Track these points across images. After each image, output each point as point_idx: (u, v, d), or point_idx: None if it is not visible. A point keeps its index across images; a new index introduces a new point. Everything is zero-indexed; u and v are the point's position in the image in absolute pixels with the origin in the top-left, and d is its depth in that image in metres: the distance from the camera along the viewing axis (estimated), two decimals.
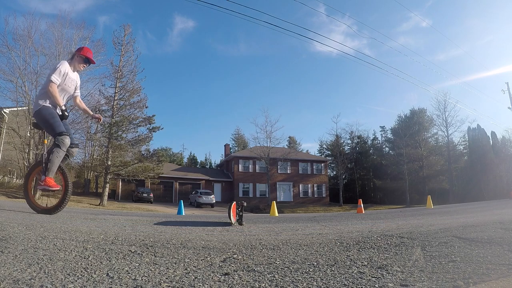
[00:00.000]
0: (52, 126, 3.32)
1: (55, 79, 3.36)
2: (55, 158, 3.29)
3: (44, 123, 3.38)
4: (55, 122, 3.34)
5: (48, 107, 3.40)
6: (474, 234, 2.07)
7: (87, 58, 3.66)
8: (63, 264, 1.14)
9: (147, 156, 21.82)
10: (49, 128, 3.36)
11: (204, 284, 0.97)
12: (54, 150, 3.29)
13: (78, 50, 3.69)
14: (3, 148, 19.97)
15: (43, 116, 3.36)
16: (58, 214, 3.52)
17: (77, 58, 3.63)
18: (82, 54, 3.63)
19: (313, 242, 1.87)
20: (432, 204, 11.54)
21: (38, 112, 3.38)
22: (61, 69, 3.44)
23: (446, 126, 37.70)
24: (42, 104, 3.38)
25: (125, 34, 21.71)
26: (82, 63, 3.67)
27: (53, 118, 3.36)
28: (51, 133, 3.37)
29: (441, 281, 1.00)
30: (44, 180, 3.28)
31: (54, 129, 3.32)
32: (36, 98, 3.50)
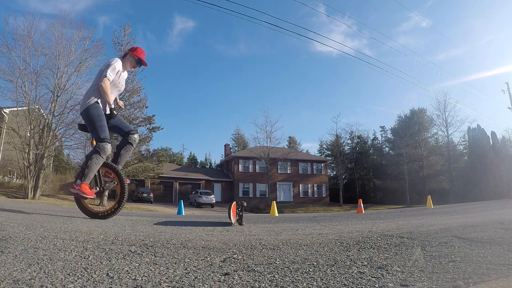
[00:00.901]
0: (96, 129, 3.18)
1: (109, 75, 3.22)
2: (93, 164, 3.14)
3: (90, 123, 3.23)
4: (101, 126, 3.20)
5: (97, 107, 3.25)
6: (474, 234, 2.07)
7: (140, 60, 3.51)
8: (63, 264, 1.14)
9: (147, 156, 21.83)
10: (93, 130, 3.22)
11: (204, 284, 0.97)
12: (93, 156, 3.14)
13: (131, 49, 3.53)
14: (3, 148, 19.96)
15: (90, 116, 3.21)
16: (58, 214, 3.52)
17: (129, 58, 3.50)
18: (135, 55, 3.48)
19: (313, 242, 1.87)
20: (432, 204, 11.54)
21: (86, 110, 3.22)
22: (115, 65, 3.30)
23: (446, 126, 37.75)
24: (91, 102, 3.22)
25: (125, 34, 21.70)
26: (134, 64, 3.53)
27: (100, 121, 3.21)
28: (94, 136, 3.22)
29: (441, 281, 1.00)
30: (79, 185, 3.12)
31: (98, 133, 3.18)
32: (85, 96, 3.32)
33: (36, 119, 17.39)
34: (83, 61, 18.95)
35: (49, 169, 24.29)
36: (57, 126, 18.31)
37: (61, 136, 19.03)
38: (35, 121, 17.32)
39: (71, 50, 18.60)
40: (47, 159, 18.29)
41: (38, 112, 17.84)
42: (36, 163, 16.87)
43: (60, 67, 18.12)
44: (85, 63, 19.10)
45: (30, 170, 16.51)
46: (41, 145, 17.06)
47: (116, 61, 3.34)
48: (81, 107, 3.31)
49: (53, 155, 20.29)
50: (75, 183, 3.20)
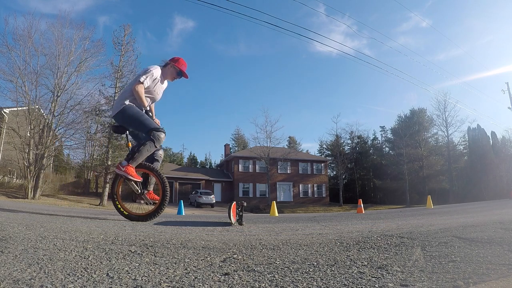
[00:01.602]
0: (144, 123, 3.13)
1: (144, 81, 3.18)
2: (145, 150, 3.09)
3: (132, 121, 3.17)
4: (146, 119, 3.16)
5: (133, 105, 3.20)
6: (474, 234, 2.07)
7: (181, 71, 3.45)
8: (63, 264, 1.14)
9: None
10: (140, 125, 3.15)
11: (204, 284, 0.97)
12: (147, 143, 3.08)
13: (173, 60, 3.46)
14: (3, 148, 19.96)
15: (130, 115, 3.15)
16: (58, 214, 3.52)
17: (170, 68, 3.43)
18: (177, 66, 3.42)
19: (313, 242, 1.87)
20: (432, 204, 11.54)
21: (122, 111, 3.16)
22: (153, 72, 3.25)
23: (446, 126, 37.75)
24: (125, 102, 3.18)
25: (125, 34, 21.70)
26: (175, 75, 3.47)
27: (143, 115, 3.17)
28: (144, 129, 3.16)
29: (441, 281, 1.00)
30: (125, 166, 3.06)
31: (147, 125, 3.12)
32: (118, 99, 3.30)
33: (36, 119, 17.39)
34: (83, 61, 18.97)
35: (49, 169, 24.31)
36: (57, 126, 18.33)
37: (61, 136, 19.05)
38: (35, 121, 17.32)
39: (71, 50, 18.62)
40: (47, 159, 18.29)
41: (38, 112, 17.84)
42: (36, 163, 16.87)
43: (60, 67, 18.14)
44: (85, 63, 19.14)
45: (30, 170, 16.51)
46: (41, 145, 17.06)
47: (155, 69, 3.28)
48: (115, 109, 3.25)
49: (53, 155, 20.30)
50: (120, 164, 3.13)
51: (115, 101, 3.32)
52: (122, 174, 3.11)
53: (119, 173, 3.12)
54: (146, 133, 3.15)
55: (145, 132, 3.17)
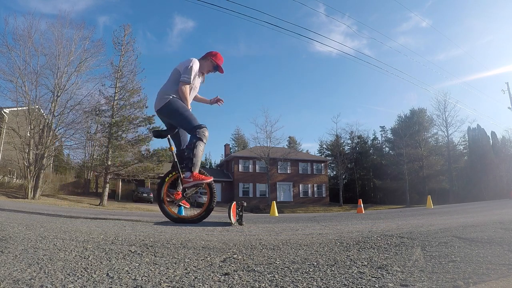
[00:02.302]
0: (188, 119, 3.08)
1: (188, 79, 3.12)
2: (199, 151, 3.03)
3: (177, 115, 3.10)
4: (191, 115, 3.10)
5: (178, 100, 3.13)
6: (474, 234, 2.07)
7: (217, 66, 3.42)
8: (63, 264, 1.14)
9: (147, 156, 21.81)
10: (184, 121, 3.09)
11: (204, 284, 0.97)
12: (197, 143, 3.01)
13: (211, 54, 3.43)
14: (3, 148, 19.97)
15: (175, 109, 3.08)
16: (58, 214, 3.52)
17: (207, 61, 3.40)
18: (214, 60, 3.39)
19: (313, 242, 1.87)
20: (432, 204, 11.54)
21: (168, 104, 3.09)
22: (194, 68, 3.20)
23: (446, 126, 37.76)
24: (169, 97, 3.12)
25: (125, 34, 21.70)
26: (211, 69, 3.44)
27: (188, 111, 3.11)
28: (187, 126, 3.11)
29: (441, 281, 1.00)
30: (192, 176, 3.01)
31: (192, 122, 3.07)
32: (161, 94, 3.20)
33: (36, 119, 17.39)
34: (83, 61, 18.97)
35: (49, 169, 24.31)
36: (57, 126, 18.33)
37: (61, 136, 19.04)
38: (35, 121, 17.32)
39: (71, 50, 18.62)
40: (47, 159, 18.30)
41: (38, 112, 17.84)
42: (36, 163, 16.87)
43: (60, 67, 18.14)
44: (85, 63, 19.13)
45: (30, 170, 16.51)
46: (41, 145, 17.06)
47: (194, 63, 3.24)
48: (158, 104, 3.16)
49: (53, 155, 20.30)
50: (185, 177, 3.06)
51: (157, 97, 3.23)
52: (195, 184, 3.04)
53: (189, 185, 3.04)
54: (190, 131, 3.10)
55: (189, 129, 3.11)
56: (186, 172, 3.06)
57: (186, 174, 3.06)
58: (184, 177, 3.06)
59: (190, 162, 3.02)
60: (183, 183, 3.08)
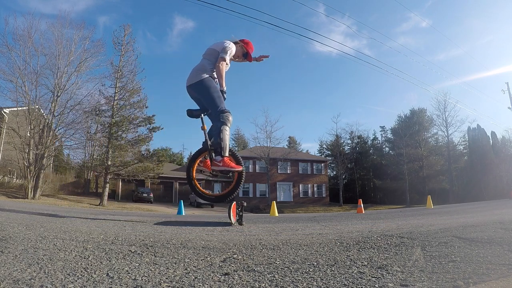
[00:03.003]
0: (215, 101, 3.09)
1: (227, 59, 3.16)
2: (225, 135, 3.07)
3: (207, 94, 3.13)
4: (219, 97, 3.12)
5: (212, 80, 3.17)
6: (474, 234, 2.06)
7: (247, 54, 3.45)
8: (63, 264, 1.14)
9: (147, 156, 21.82)
10: (212, 101, 3.11)
11: (204, 284, 0.97)
12: (223, 128, 3.04)
13: (244, 41, 3.45)
14: (3, 148, 19.96)
15: (206, 88, 3.11)
16: (58, 214, 3.52)
17: (239, 47, 3.41)
18: (245, 48, 3.42)
19: (313, 242, 1.87)
20: (432, 204, 11.54)
21: (200, 82, 3.12)
22: (232, 50, 3.24)
23: (446, 126, 37.73)
24: (204, 75, 3.14)
25: (125, 34, 21.70)
26: (240, 55, 3.46)
27: (218, 92, 3.13)
28: (214, 108, 3.13)
29: (441, 281, 1.00)
30: (222, 161, 3.04)
31: (218, 104, 3.09)
32: (195, 71, 3.22)
33: (36, 119, 17.39)
34: (83, 61, 18.97)
35: (49, 169, 24.31)
36: (57, 126, 18.33)
37: (61, 136, 19.05)
38: (35, 121, 17.32)
39: (71, 50, 18.62)
40: (47, 159, 18.30)
41: (38, 112, 17.84)
42: (36, 163, 16.87)
43: (60, 67, 18.15)
44: (85, 63, 19.14)
45: (30, 170, 16.51)
46: (41, 145, 17.06)
47: (231, 45, 3.26)
48: (192, 79, 3.19)
49: (53, 155, 20.31)
50: (215, 160, 3.09)
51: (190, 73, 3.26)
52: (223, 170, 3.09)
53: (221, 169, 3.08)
54: (215, 112, 3.13)
55: (214, 110, 3.14)
56: (216, 156, 3.10)
57: (216, 158, 3.09)
58: (215, 160, 3.10)
59: (219, 147, 3.05)
60: (212, 165, 3.13)
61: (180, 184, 34.60)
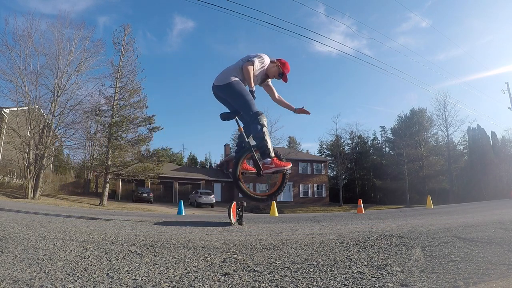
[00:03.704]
0: (249, 103, 3.11)
1: (256, 63, 3.19)
2: (268, 137, 3.11)
3: (238, 97, 3.15)
4: (252, 100, 3.14)
5: (241, 83, 3.18)
6: (474, 234, 2.06)
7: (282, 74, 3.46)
8: (63, 264, 1.14)
9: (147, 156, 21.82)
10: (245, 105, 3.14)
11: (204, 284, 0.97)
12: (263, 130, 3.08)
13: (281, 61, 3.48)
14: (3, 148, 19.96)
15: (237, 91, 3.13)
16: (58, 214, 3.53)
17: (275, 67, 3.44)
18: (282, 68, 3.43)
19: (313, 242, 1.87)
20: (432, 204, 11.54)
21: (230, 85, 3.13)
22: (264, 58, 3.28)
23: (446, 126, 37.72)
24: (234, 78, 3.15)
25: (125, 34, 21.70)
26: (276, 75, 3.47)
27: (249, 95, 3.15)
28: (247, 111, 3.15)
29: (441, 281, 1.00)
30: (273, 162, 3.07)
31: (252, 107, 3.11)
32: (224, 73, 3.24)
33: (36, 119, 17.40)
34: (83, 61, 18.98)
35: (49, 169, 24.31)
36: (57, 126, 18.33)
37: (61, 136, 19.05)
38: (35, 121, 17.33)
39: (71, 50, 18.62)
40: (47, 159, 18.30)
41: (38, 112, 17.84)
42: (36, 163, 16.87)
43: (60, 67, 18.15)
44: (85, 63, 19.13)
45: (30, 170, 16.51)
46: (41, 145, 17.06)
47: (265, 56, 3.30)
48: (221, 80, 3.20)
49: (53, 155, 20.31)
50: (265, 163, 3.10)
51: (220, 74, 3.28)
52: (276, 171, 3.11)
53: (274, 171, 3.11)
54: (250, 116, 3.15)
55: (248, 113, 3.16)
56: (266, 158, 3.10)
57: (266, 160, 3.09)
58: (265, 163, 3.10)
59: (266, 149, 3.07)
60: (264, 168, 3.14)
61: (180, 184, 34.58)
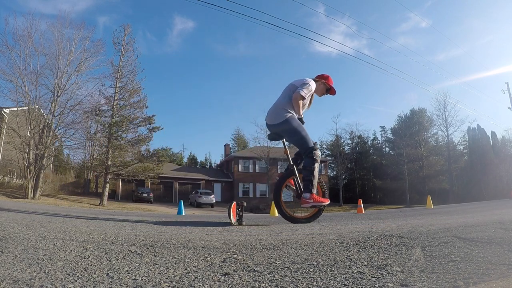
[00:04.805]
0: (305, 139, 3.25)
1: (304, 94, 3.26)
2: (316, 173, 3.22)
3: (294, 134, 3.28)
4: (307, 135, 3.27)
5: (295, 118, 3.30)
6: (474, 234, 2.06)
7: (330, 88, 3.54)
8: (63, 264, 1.14)
9: (147, 156, 21.84)
10: (300, 140, 3.27)
11: (204, 284, 0.97)
12: (314, 165, 3.19)
13: (323, 77, 3.55)
14: (3, 148, 19.97)
15: (293, 127, 3.25)
16: (58, 214, 3.53)
17: (321, 85, 3.51)
18: (327, 83, 3.52)
19: (313, 242, 1.87)
20: (432, 204, 11.54)
21: (287, 121, 3.25)
22: (311, 87, 3.34)
23: (446, 126, 37.78)
24: (288, 114, 3.26)
25: (125, 34, 21.74)
26: (324, 92, 3.55)
27: (305, 130, 3.28)
28: (303, 147, 3.28)
29: (441, 281, 1.00)
30: (311, 197, 3.20)
31: (308, 142, 3.25)
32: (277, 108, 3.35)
33: (36, 119, 17.41)
34: (83, 61, 19.00)
35: (49, 169, 24.31)
36: (57, 126, 18.34)
37: (61, 136, 19.08)
38: (35, 121, 17.34)
39: (71, 50, 18.65)
40: (47, 159, 18.31)
41: (38, 112, 17.85)
42: (36, 163, 16.88)
43: (60, 67, 18.17)
44: (85, 63, 19.17)
45: (30, 170, 16.52)
46: (41, 145, 17.07)
47: (312, 83, 3.36)
48: (275, 119, 3.33)
49: (53, 155, 20.32)
50: (303, 197, 3.24)
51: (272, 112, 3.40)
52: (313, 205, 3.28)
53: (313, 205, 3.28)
54: (305, 151, 3.26)
55: (304, 149, 3.27)
56: (306, 193, 3.22)
57: (305, 195, 3.22)
58: (304, 197, 3.24)
59: (310, 184, 3.19)
60: (302, 202, 3.28)
61: (180, 184, 34.59)
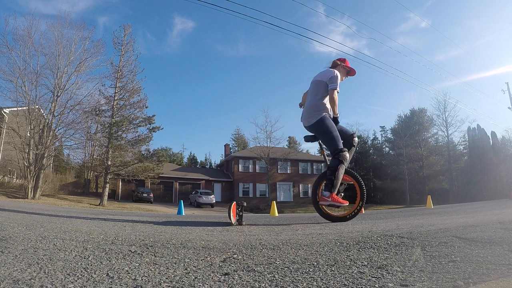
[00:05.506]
0: (334, 140, 3.26)
1: (337, 86, 3.27)
2: (340, 174, 3.23)
3: (326, 134, 3.30)
4: (337, 136, 3.28)
5: (329, 118, 3.30)
6: (474, 234, 2.06)
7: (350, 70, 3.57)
8: (63, 264, 1.14)
9: (147, 156, 21.84)
10: (330, 141, 3.29)
11: (204, 284, 0.97)
12: (339, 166, 3.21)
13: (340, 60, 3.57)
14: (3, 148, 19.97)
15: (325, 128, 3.27)
16: (58, 214, 3.53)
17: (341, 69, 3.52)
18: (347, 66, 3.54)
19: (313, 242, 1.87)
20: (432, 204, 11.54)
21: (321, 121, 3.26)
22: (339, 76, 3.35)
23: (446, 126, 37.78)
24: (322, 113, 3.28)
25: (125, 34, 21.74)
26: (345, 74, 3.57)
27: (335, 131, 3.29)
28: (332, 146, 3.30)
29: (441, 281, 1.00)
30: (330, 196, 3.21)
31: (337, 144, 3.26)
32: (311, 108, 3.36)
33: (36, 119, 17.40)
34: (83, 61, 19.00)
35: (49, 169, 24.32)
36: (57, 126, 18.34)
37: (61, 136, 19.07)
38: (35, 121, 17.33)
39: (71, 50, 18.64)
40: (47, 159, 18.30)
41: (38, 112, 17.85)
42: (36, 163, 16.87)
43: (60, 67, 18.16)
44: (85, 63, 19.16)
45: (30, 170, 16.51)
46: (41, 145, 17.06)
47: (337, 73, 3.35)
48: (311, 119, 3.34)
49: (53, 155, 20.31)
50: (323, 195, 3.26)
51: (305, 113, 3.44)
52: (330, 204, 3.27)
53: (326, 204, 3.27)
54: (333, 151, 3.29)
55: (332, 149, 3.30)
56: (325, 191, 3.24)
57: (325, 193, 3.24)
58: (323, 195, 3.26)
59: (331, 183, 3.21)
60: (320, 200, 3.31)
61: (180, 184, 34.59)
